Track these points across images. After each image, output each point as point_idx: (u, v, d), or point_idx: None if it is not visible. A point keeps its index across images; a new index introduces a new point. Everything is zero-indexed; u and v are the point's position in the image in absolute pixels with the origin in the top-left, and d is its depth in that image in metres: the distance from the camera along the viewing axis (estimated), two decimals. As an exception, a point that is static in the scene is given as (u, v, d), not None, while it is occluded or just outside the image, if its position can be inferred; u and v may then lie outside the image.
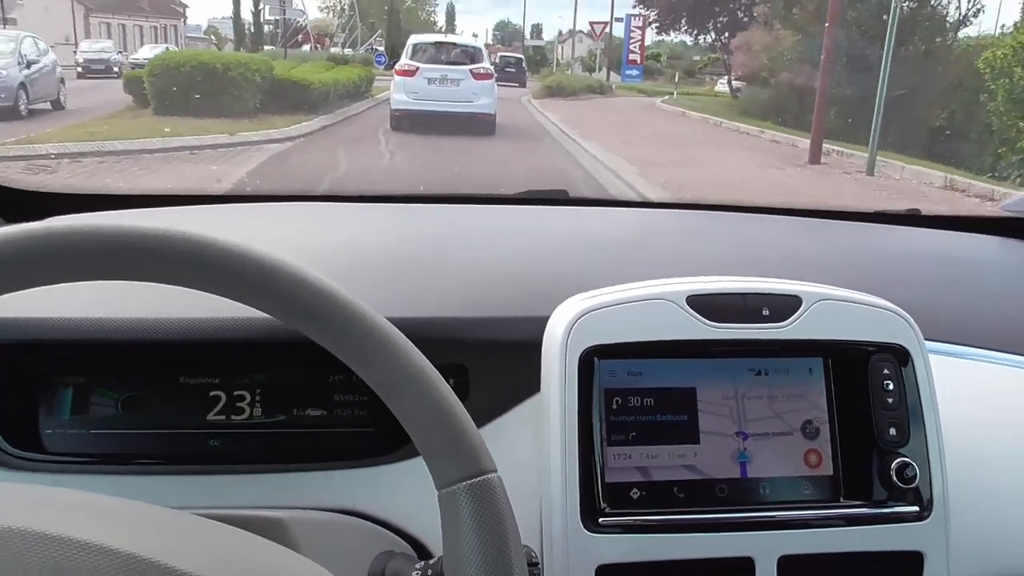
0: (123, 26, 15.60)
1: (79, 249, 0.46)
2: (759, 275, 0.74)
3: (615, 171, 8.36)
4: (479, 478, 0.48)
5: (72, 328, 0.70)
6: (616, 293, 0.71)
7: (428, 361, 0.50)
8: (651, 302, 0.70)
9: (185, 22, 19.05)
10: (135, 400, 0.72)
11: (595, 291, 0.72)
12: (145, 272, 0.48)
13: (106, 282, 0.48)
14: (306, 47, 19.14)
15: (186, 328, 0.70)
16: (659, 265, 0.91)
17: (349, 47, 19.80)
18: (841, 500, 0.71)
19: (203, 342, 0.70)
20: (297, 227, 1.00)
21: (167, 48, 15.60)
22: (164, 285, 0.48)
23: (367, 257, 0.89)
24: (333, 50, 19.49)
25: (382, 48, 18.43)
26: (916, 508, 0.69)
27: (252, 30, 17.16)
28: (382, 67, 16.31)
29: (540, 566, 0.65)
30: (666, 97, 18.84)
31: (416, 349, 0.50)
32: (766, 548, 0.68)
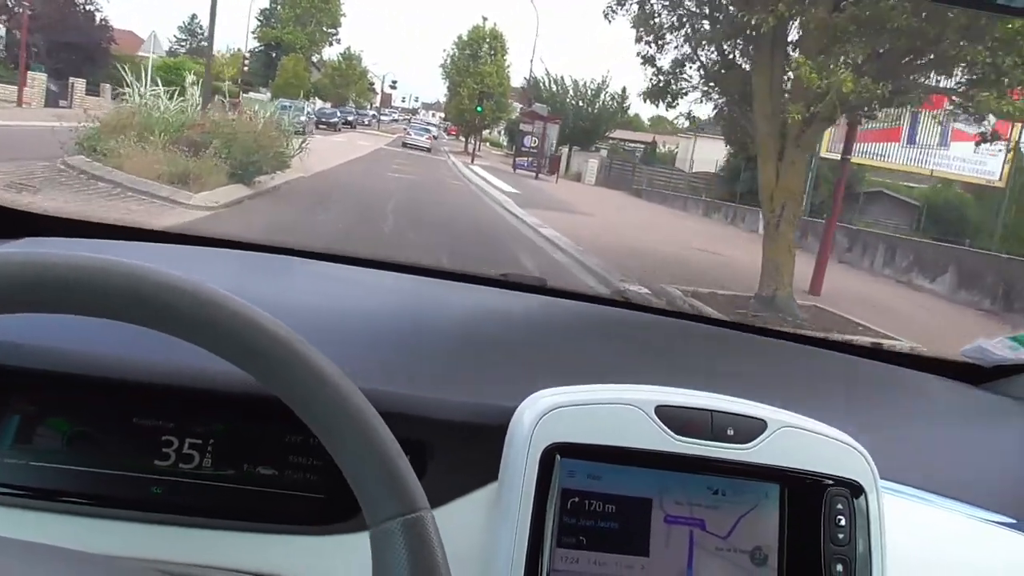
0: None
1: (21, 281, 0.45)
2: (727, 392, 0.75)
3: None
4: (414, 514, 0.48)
5: (28, 355, 0.68)
6: (586, 393, 0.71)
7: (367, 401, 0.50)
8: (620, 406, 0.70)
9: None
10: (84, 436, 0.70)
11: (565, 388, 0.73)
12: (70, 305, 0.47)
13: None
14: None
15: (148, 370, 0.69)
16: (631, 368, 0.92)
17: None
18: None
19: (163, 386, 0.69)
20: (277, 280, 1.00)
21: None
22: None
23: (342, 320, 0.89)
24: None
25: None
26: None
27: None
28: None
29: None
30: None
31: (356, 389, 0.50)
32: None
